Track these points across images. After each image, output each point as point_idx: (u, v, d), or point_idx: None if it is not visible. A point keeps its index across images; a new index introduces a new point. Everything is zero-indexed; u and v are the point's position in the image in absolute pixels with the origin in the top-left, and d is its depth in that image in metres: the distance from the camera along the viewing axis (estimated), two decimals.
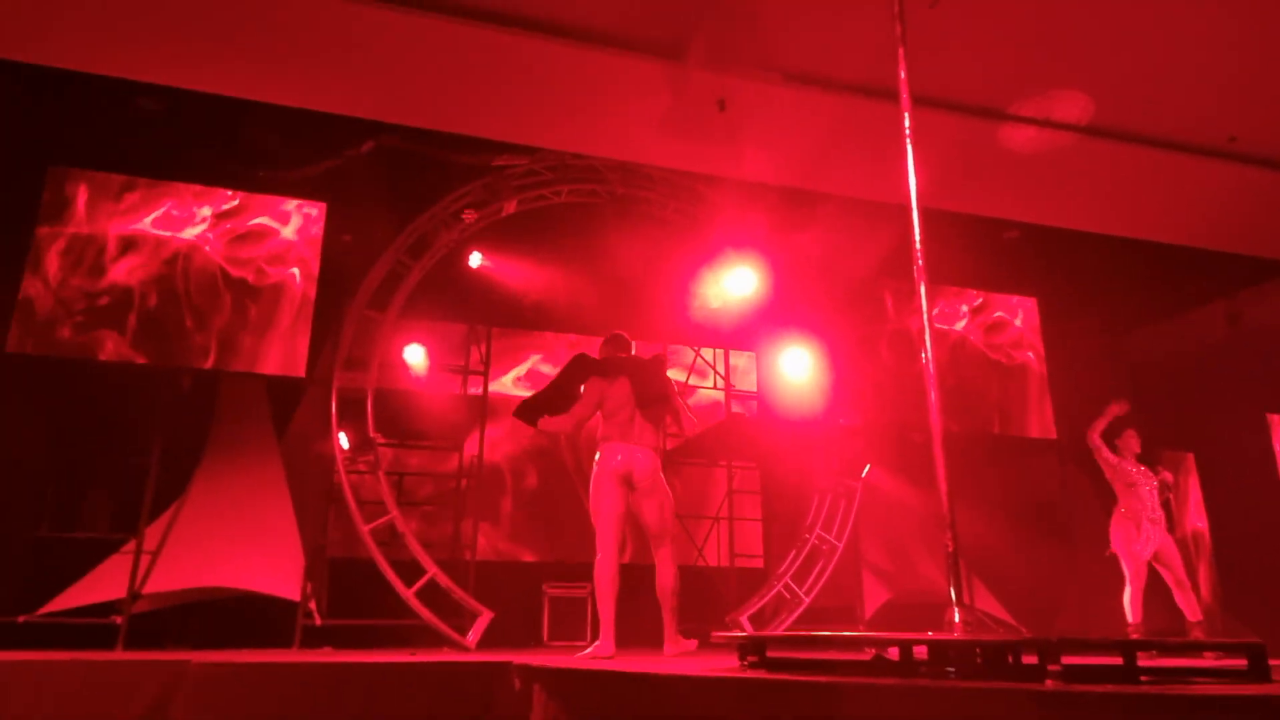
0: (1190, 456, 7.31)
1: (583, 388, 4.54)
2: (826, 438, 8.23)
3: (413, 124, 5.93)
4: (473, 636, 6.33)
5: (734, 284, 8.40)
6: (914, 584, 8.01)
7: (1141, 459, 6.28)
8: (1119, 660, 2.72)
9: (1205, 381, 9.29)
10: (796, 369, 8.88)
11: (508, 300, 8.61)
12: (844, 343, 8.41)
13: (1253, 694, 2.21)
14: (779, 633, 6.99)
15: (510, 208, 7.45)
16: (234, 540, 6.28)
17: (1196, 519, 7.45)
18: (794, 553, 7.81)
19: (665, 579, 4.34)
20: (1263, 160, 6.18)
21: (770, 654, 3.14)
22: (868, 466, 7.99)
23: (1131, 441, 6.27)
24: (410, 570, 6.42)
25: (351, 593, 6.87)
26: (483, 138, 6.20)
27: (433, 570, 6.49)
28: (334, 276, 6.82)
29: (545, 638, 7.73)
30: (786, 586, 7.65)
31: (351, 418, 6.70)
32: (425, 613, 6.29)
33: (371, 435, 6.66)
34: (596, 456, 4.41)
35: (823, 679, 2.50)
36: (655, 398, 4.43)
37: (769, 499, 9.63)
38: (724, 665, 3.24)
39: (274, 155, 6.52)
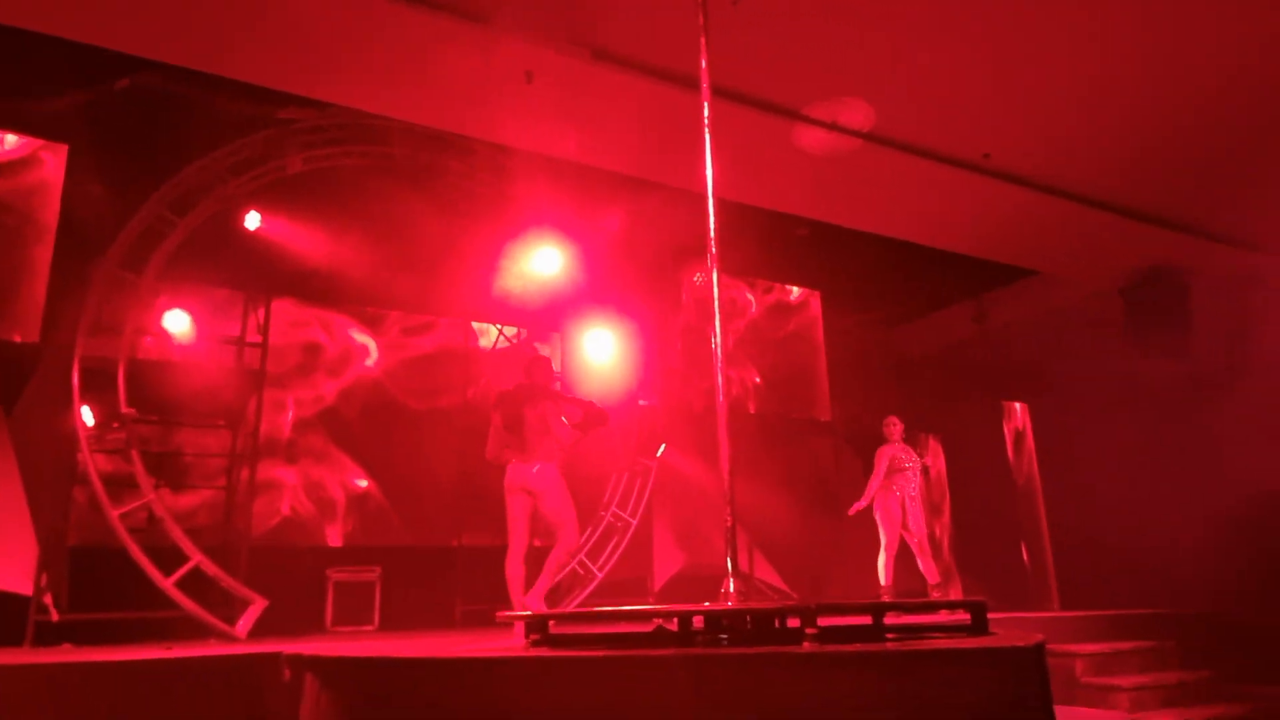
0: (936, 439, 8.18)
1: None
2: (626, 418, 8.38)
3: (179, 64, 5.29)
4: (243, 626, 5.90)
5: (538, 263, 8.34)
6: (702, 557, 8.39)
7: (906, 441, 6.96)
8: (869, 620, 2.99)
9: (954, 373, 10.43)
10: (598, 350, 8.98)
11: (291, 268, 7.98)
12: (644, 326, 8.58)
13: (974, 646, 2.51)
14: (569, 609, 7.06)
15: (295, 166, 6.92)
16: None
17: (940, 494, 8.36)
18: (589, 530, 7.92)
19: (552, 555, 4.98)
20: (1010, 177, 6.96)
21: (554, 630, 3.15)
22: (663, 446, 8.24)
23: (894, 428, 6.91)
24: (173, 558, 5.87)
25: (101, 584, 6.20)
26: (264, 87, 5.66)
27: (197, 557, 5.97)
28: (78, 231, 6.01)
29: (329, 624, 7.34)
30: (581, 563, 7.75)
31: (100, 390, 5.96)
32: (186, 602, 5.78)
33: (124, 410, 5.97)
34: None
35: (601, 653, 2.53)
36: (516, 421, 5.04)
37: (567, 478, 9.67)
38: (509, 645, 3.21)
39: (7, 84, 5.61)
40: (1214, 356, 7.84)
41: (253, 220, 7.49)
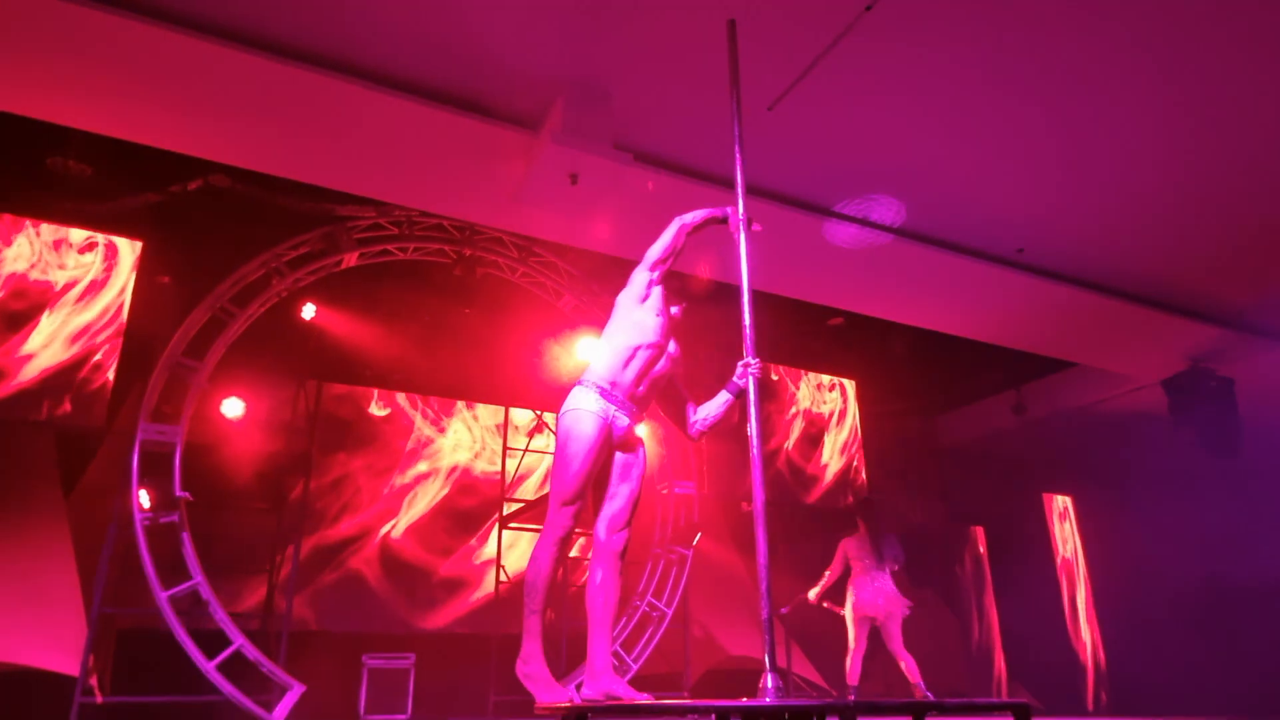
0: (979, 530, 8.04)
1: None
2: (661, 506, 8.39)
3: (247, 166, 5.68)
4: (280, 712, 5.90)
5: (580, 351, 8.54)
6: (739, 650, 8.22)
7: (879, 534, 6.58)
8: None
9: (995, 463, 10.28)
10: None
11: (341, 356, 8.29)
12: None
13: None
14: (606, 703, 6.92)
15: (351, 260, 7.26)
16: (1, 607, 5.56)
17: (985, 588, 8.15)
18: (624, 620, 7.84)
19: None
20: (1044, 271, 7.04)
21: None
22: (699, 535, 8.20)
23: (863, 530, 6.64)
24: (214, 641, 5.94)
25: (144, 667, 6.28)
26: (324, 187, 6.02)
27: (239, 641, 6.02)
28: (147, 320, 6.34)
29: (362, 712, 7.28)
30: (615, 654, 7.64)
31: (154, 473, 6.17)
32: (227, 687, 5.81)
33: (179, 493, 6.16)
34: None
35: None
36: None
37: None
38: None
39: (87, 186, 6.03)
40: (1263, 451, 7.68)
41: (308, 311, 7.86)
